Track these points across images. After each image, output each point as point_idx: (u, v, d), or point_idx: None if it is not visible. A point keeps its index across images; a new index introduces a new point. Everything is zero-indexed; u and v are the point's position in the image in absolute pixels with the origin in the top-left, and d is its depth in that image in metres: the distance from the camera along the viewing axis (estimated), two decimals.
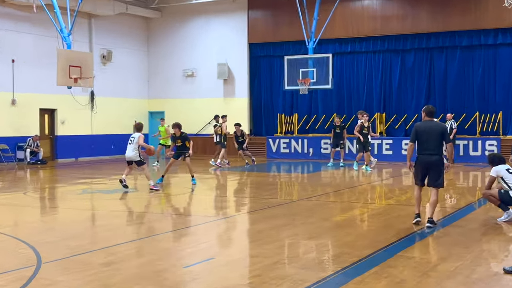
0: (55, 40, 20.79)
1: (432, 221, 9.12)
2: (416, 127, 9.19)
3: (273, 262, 7.00)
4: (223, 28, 27.05)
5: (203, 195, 14.23)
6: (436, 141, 9.01)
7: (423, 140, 9.04)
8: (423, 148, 9.07)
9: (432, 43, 23.71)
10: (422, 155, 9.09)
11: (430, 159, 9.02)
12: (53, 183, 17.02)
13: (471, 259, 7.16)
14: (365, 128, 18.56)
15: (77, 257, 7.33)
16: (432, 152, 9.01)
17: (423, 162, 9.08)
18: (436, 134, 9.01)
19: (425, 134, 9.04)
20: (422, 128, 9.10)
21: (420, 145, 9.13)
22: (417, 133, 9.10)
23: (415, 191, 9.43)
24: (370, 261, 7.08)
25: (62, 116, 24.50)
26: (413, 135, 9.18)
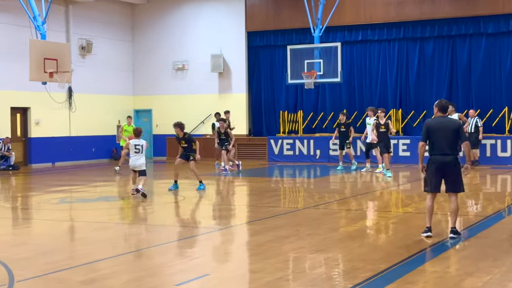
0: (28, 30, 20.77)
1: (456, 231, 9.11)
2: (427, 124, 9.19)
3: (275, 279, 6.99)
4: (217, 14, 27.07)
5: (197, 203, 14.22)
6: (450, 140, 8.99)
7: (436, 138, 9.02)
8: (436, 148, 9.04)
9: (454, 30, 23.73)
10: (435, 155, 9.05)
11: (444, 159, 8.98)
12: (27, 191, 17.02)
13: (501, 273, 7.16)
14: (381, 126, 18.45)
15: (54, 274, 7.32)
16: (446, 152, 8.97)
17: (436, 163, 9.02)
18: (450, 131, 8.99)
19: (437, 132, 9.02)
20: (434, 125, 9.09)
21: (432, 145, 9.10)
22: (429, 131, 9.09)
23: (427, 200, 9.28)
24: (386, 276, 7.08)
25: (36, 116, 24.50)
26: (424, 133, 9.16)
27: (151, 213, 12.86)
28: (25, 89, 23.27)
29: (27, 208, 13.97)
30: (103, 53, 27.06)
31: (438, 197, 12.43)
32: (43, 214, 12.72)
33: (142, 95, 28.58)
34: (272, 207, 12.95)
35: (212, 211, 13.13)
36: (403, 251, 8.30)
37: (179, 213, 12.79)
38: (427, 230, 9.16)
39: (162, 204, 14.07)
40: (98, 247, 9.06)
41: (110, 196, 15.72)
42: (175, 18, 27.79)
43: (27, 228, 11.27)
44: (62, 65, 19.79)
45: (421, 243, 8.86)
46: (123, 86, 28.29)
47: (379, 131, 18.44)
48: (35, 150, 24.56)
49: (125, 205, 13.91)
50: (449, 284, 6.73)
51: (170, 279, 7.22)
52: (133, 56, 28.62)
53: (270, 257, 8.04)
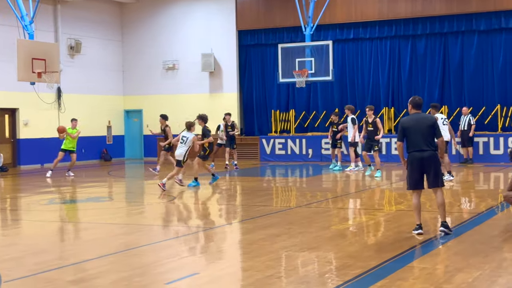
0: (15, 30, 20.72)
1: (447, 226, 9.20)
2: (402, 123, 9.27)
3: (266, 276, 7.04)
4: (207, 13, 27.11)
5: (187, 203, 14.26)
6: (426, 135, 9.07)
7: (411, 135, 9.10)
8: (413, 145, 9.12)
9: (446, 27, 23.86)
10: (412, 152, 9.13)
11: (421, 155, 9.06)
12: (16, 192, 17.01)
13: (491, 269, 7.23)
14: (369, 124, 18.33)
15: (43, 274, 7.35)
16: (423, 147, 9.05)
17: (414, 160, 9.10)
18: (425, 127, 9.08)
19: (412, 129, 9.10)
20: (409, 123, 9.18)
21: (409, 142, 9.17)
22: (404, 129, 9.18)
23: (413, 198, 9.34)
24: (376, 273, 7.14)
25: (24, 117, 24.45)
26: (400, 132, 9.25)
27: (141, 213, 12.89)
28: (13, 90, 23.22)
29: (16, 209, 13.96)
30: (93, 53, 27.03)
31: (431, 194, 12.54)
32: (32, 215, 12.73)
33: (132, 95, 28.56)
34: (264, 206, 13.00)
35: (204, 210, 13.16)
36: (394, 248, 8.36)
37: (170, 212, 12.82)
38: (418, 228, 9.23)
39: (153, 204, 14.10)
40: (87, 247, 9.09)
41: (99, 197, 15.73)
42: (165, 17, 27.80)
43: (16, 229, 11.28)
44: (51, 65, 19.80)
45: (411, 240, 8.93)
46: (113, 86, 28.26)
47: (367, 129, 18.30)
48: (24, 152, 24.51)
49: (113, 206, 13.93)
50: (439, 280, 6.80)
51: (159, 278, 7.25)
52: (123, 55, 28.60)
53: (261, 255, 8.09)
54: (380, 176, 17.97)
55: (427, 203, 13.03)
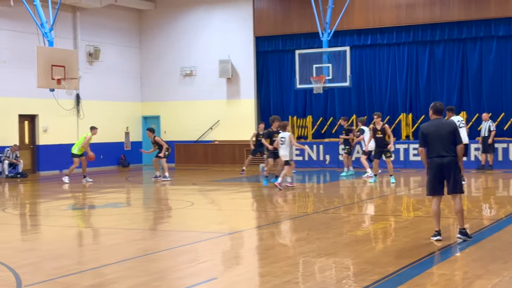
0: (35, 37, 20.97)
1: (465, 233, 9.14)
2: (422, 128, 9.27)
3: (283, 282, 7.03)
4: (225, 20, 27.20)
5: (205, 208, 14.29)
6: (446, 141, 9.04)
7: (431, 141, 9.10)
8: (433, 150, 9.11)
9: (464, 33, 23.73)
10: (432, 158, 9.12)
11: (441, 161, 9.03)
12: (35, 198, 17.14)
13: (510, 275, 7.17)
14: (378, 131, 18.17)
15: (62, 279, 7.39)
16: (442, 153, 9.02)
17: (434, 166, 9.09)
18: (445, 133, 9.06)
19: (432, 135, 9.10)
20: (429, 128, 9.18)
21: (430, 148, 9.15)
22: (424, 135, 9.18)
23: (432, 204, 9.30)
24: (394, 279, 7.10)
25: (44, 123, 24.67)
26: (420, 138, 9.25)
27: (159, 218, 12.94)
28: (33, 96, 23.45)
29: (35, 214, 14.08)
30: (111, 60, 27.22)
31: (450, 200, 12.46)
32: (51, 220, 12.82)
33: (150, 101, 28.71)
34: (281, 212, 12.99)
35: (221, 215, 13.18)
36: (412, 255, 8.32)
37: (187, 218, 12.85)
38: (436, 234, 9.18)
39: (170, 210, 14.14)
40: (105, 252, 9.13)
41: (117, 203, 15.82)
42: (182, 23, 27.93)
43: (35, 234, 11.37)
44: (70, 72, 19.97)
45: (430, 246, 8.88)
46: (131, 92, 28.43)
47: (375, 136, 18.11)
48: (43, 158, 24.72)
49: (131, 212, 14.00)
50: (458, 286, 6.75)
51: (177, 283, 7.27)
52: (141, 62, 28.76)
53: (279, 261, 8.09)
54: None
55: (445, 209, 12.95)
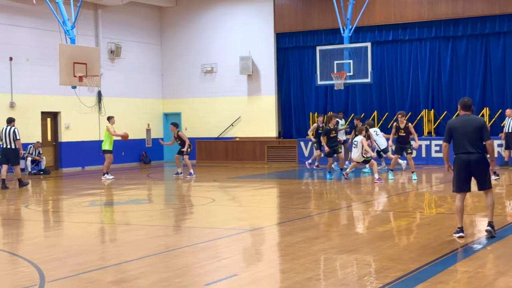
0: (58, 35, 21.17)
1: (493, 226, 9.13)
2: (449, 124, 9.16)
3: (305, 279, 7.03)
4: (246, 16, 27.20)
5: (226, 205, 14.33)
6: (474, 137, 8.92)
7: (459, 137, 8.97)
8: (459, 147, 8.99)
9: (488, 28, 23.50)
10: (459, 154, 9.01)
11: (468, 158, 8.93)
12: (58, 194, 17.30)
13: None
14: (401, 130, 18.13)
15: (85, 275, 7.46)
16: (469, 150, 8.91)
17: (462, 162, 8.98)
18: (472, 129, 8.94)
19: (460, 130, 8.98)
20: (456, 124, 9.06)
21: (456, 144, 9.04)
22: (451, 131, 9.07)
23: (456, 201, 9.23)
24: (417, 276, 7.07)
25: (66, 120, 24.88)
26: (446, 133, 9.15)
27: (180, 215, 13.00)
28: (55, 94, 23.66)
29: (58, 211, 14.21)
30: (132, 57, 27.36)
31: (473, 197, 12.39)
32: (73, 216, 12.94)
33: (171, 98, 28.82)
34: (302, 209, 12.99)
35: (241, 212, 13.20)
36: (435, 252, 8.27)
37: (208, 215, 12.89)
38: (459, 231, 9.12)
39: (192, 206, 14.20)
40: (127, 248, 9.20)
41: (139, 199, 15.91)
42: (203, 20, 27.98)
43: (58, 230, 11.48)
44: (92, 69, 20.10)
45: (453, 243, 8.82)
46: (152, 89, 28.56)
47: (398, 134, 18.06)
48: (65, 155, 24.93)
49: (153, 209, 14.08)
50: (481, 283, 6.70)
51: (199, 279, 7.31)
52: (162, 59, 28.88)
53: (300, 257, 8.08)
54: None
55: (467, 206, 12.86)
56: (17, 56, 23.02)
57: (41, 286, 6.97)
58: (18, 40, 23.18)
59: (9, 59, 22.81)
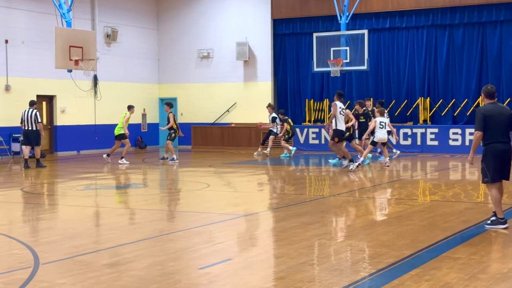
0: (53, 18, 21.03)
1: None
2: (484, 111, 8.85)
3: (299, 263, 7.06)
4: (243, 2, 27.09)
5: (220, 190, 14.34)
6: (504, 127, 8.84)
7: (493, 126, 8.77)
8: (492, 136, 8.79)
9: (484, 17, 23.46)
10: (492, 143, 8.81)
11: (503, 147, 8.81)
12: (53, 178, 17.29)
13: None
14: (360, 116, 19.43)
15: (79, 257, 7.47)
16: (501, 139, 8.81)
17: (497, 152, 8.79)
18: (504, 118, 8.83)
19: (495, 119, 8.78)
20: (491, 112, 8.82)
21: (489, 133, 8.80)
22: (486, 118, 8.79)
23: (492, 191, 8.96)
24: (410, 262, 7.10)
25: (62, 104, 24.81)
26: (481, 121, 8.79)
27: (175, 199, 13.01)
28: (51, 77, 23.58)
29: (53, 194, 14.20)
30: (128, 41, 27.25)
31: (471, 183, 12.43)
32: (68, 200, 12.94)
33: (167, 84, 28.75)
34: (297, 195, 13.01)
35: (237, 197, 13.22)
36: (428, 238, 8.31)
37: (204, 199, 12.91)
38: (504, 221, 8.89)
39: (186, 191, 14.21)
40: (122, 232, 9.21)
41: (134, 184, 15.92)
42: (200, 5, 27.87)
43: (53, 213, 11.48)
44: (88, 53, 20.01)
45: (446, 230, 8.85)
46: (148, 74, 28.48)
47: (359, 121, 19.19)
48: (61, 138, 24.88)
49: (148, 193, 14.08)
50: (474, 269, 6.73)
51: (193, 263, 7.32)
52: (158, 44, 28.78)
53: (294, 243, 8.11)
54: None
55: (461, 193, 12.92)
56: (13, 39, 22.90)
57: (35, 268, 6.98)
58: (14, 23, 23.05)
59: (5, 42, 22.69)
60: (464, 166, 18.27)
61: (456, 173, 16.68)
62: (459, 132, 22.85)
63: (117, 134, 20.70)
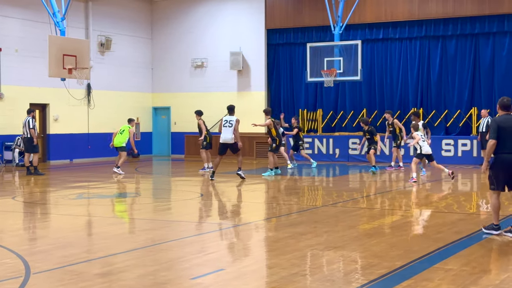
0: (47, 26, 21.02)
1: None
2: (498, 122, 9.09)
3: (291, 274, 7.05)
4: (237, 12, 27.17)
5: (214, 200, 14.32)
6: None
7: (506, 136, 9.01)
8: (505, 146, 9.01)
9: (477, 28, 23.58)
10: (504, 154, 9.03)
11: None
12: (45, 187, 17.23)
13: None
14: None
15: (71, 267, 7.44)
16: None
17: (507, 163, 9.02)
18: None
19: (508, 130, 9.02)
20: (505, 123, 9.05)
21: (501, 143, 9.02)
22: (500, 128, 9.03)
23: (493, 199, 9.28)
24: (402, 273, 7.10)
25: (55, 112, 24.76)
26: (495, 131, 9.04)
27: (168, 209, 12.98)
28: (44, 86, 23.55)
29: (45, 203, 14.15)
30: (122, 50, 27.27)
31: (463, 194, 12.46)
32: (60, 209, 12.89)
33: (160, 92, 28.76)
34: (290, 205, 13.01)
35: (230, 207, 13.21)
36: (420, 249, 8.31)
37: (196, 209, 12.89)
38: (497, 228, 9.20)
39: (179, 200, 14.19)
40: (114, 241, 9.18)
41: (127, 193, 15.88)
42: (194, 15, 27.92)
43: (44, 222, 11.43)
44: (81, 62, 20.00)
45: (438, 241, 8.86)
46: (142, 83, 28.49)
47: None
48: (54, 147, 24.82)
49: (140, 202, 14.06)
50: (465, 281, 6.74)
51: (185, 273, 7.31)
52: (152, 53, 28.80)
53: (286, 253, 8.10)
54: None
55: (454, 204, 12.95)
56: (6, 47, 22.88)
57: (26, 278, 6.95)
58: (7, 31, 23.04)
59: None
60: (457, 177, 18.31)
61: (448, 184, 16.71)
62: (452, 143, 22.92)
63: (119, 146, 20.51)
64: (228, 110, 17.81)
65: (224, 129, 17.27)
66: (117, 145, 20.47)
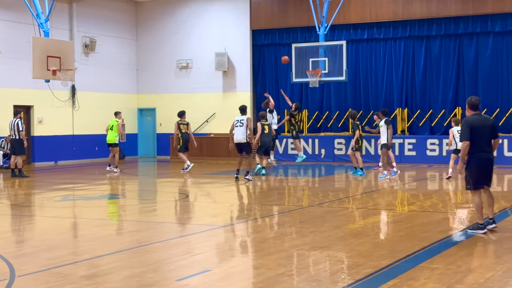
0: (31, 28, 20.91)
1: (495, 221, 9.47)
2: (471, 122, 9.21)
3: (277, 274, 7.06)
4: (222, 13, 27.16)
5: (199, 201, 14.30)
6: (487, 137, 9.26)
7: (478, 136, 9.16)
8: (478, 146, 9.17)
9: (461, 29, 23.74)
10: (478, 153, 9.18)
11: (488, 156, 9.24)
12: (30, 189, 17.13)
13: (503, 270, 7.21)
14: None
15: (56, 269, 7.40)
16: (485, 149, 9.22)
17: (481, 161, 9.20)
18: (488, 128, 9.25)
19: (479, 130, 9.17)
20: (477, 123, 9.21)
21: (474, 143, 9.16)
22: (472, 129, 9.16)
23: (475, 198, 9.34)
24: (388, 272, 7.13)
25: (39, 114, 24.62)
26: (468, 132, 9.15)
27: (153, 210, 12.95)
28: (28, 87, 23.40)
29: (29, 205, 14.06)
30: (107, 51, 27.17)
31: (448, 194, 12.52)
32: (46, 211, 12.83)
33: (145, 94, 28.68)
34: (276, 205, 13.02)
35: (215, 208, 13.19)
36: (406, 248, 8.35)
37: (182, 210, 12.87)
38: (483, 227, 9.26)
39: (165, 201, 14.16)
40: (99, 243, 9.14)
41: (112, 194, 15.82)
42: (179, 16, 27.88)
43: (29, 224, 11.36)
44: (66, 63, 19.92)
45: (423, 240, 8.91)
46: (127, 84, 28.39)
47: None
48: (38, 149, 24.68)
49: (126, 203, 14.01)
50: (451, 280, 6.78)
51: (171, 275, 7.29)
52: (137, 54, 28.72)
53: (272, 254, 8.11)
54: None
55: (439, 203, 13.02)
56: None
57: (11, 281, 6.90)
58: None
59: None
60: (441, 176, 18.41)
61: (433, 183, 16.81)
62: (437, 143, 23.05)
63: (111, 143, 20.69)
64: (240, 111, 18.15)
65: (236, 129, 17.67)
66: (110, 141, 20.65)
